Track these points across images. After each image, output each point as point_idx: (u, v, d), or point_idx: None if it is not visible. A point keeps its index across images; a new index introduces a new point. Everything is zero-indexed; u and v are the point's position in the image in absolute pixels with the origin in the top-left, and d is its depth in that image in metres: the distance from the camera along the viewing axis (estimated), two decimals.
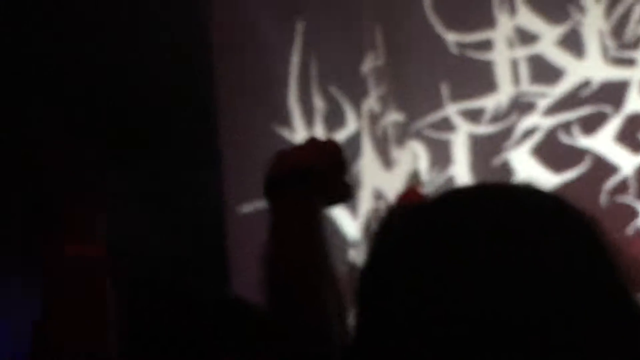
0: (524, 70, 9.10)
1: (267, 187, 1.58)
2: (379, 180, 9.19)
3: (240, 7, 9.44)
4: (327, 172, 1.62)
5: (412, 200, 4.17)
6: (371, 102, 9.02)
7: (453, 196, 1.18)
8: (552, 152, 8.99)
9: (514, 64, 9.20)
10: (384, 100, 9.02)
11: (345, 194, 1.67)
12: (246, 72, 9.57)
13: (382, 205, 8.88)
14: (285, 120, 9.60)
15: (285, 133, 9.48)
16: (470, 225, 1.13)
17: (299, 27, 9.50)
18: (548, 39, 9.07)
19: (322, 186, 1.63)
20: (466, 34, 9.17)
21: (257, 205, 9.35)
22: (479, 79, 9.19)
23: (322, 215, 1.63)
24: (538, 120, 9.10)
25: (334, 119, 9.38)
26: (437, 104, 9.27)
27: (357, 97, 9.20)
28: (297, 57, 9.51)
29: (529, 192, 1.13)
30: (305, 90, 9.49)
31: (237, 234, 9.21)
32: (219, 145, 9.32)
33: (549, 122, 9.04)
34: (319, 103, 9.47)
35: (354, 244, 8.64)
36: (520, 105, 9.18)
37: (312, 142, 1.66)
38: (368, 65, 9.28)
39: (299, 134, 9.56)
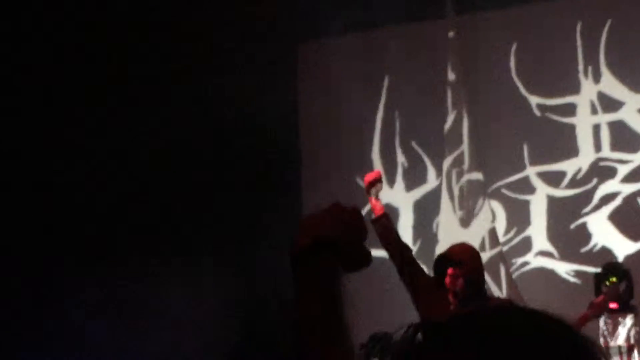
0: (605, 136, 9.16)
1: (291, 257, 1.72)
2: (456, 237, 9.23)
3: (325, 66, 9.65)
4: (347, 242, 1.75)
5: None
6: (452, 161, 9.14)
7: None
8: (630, 219, 9.01)
9: (596, 129, 9.26)
10: (465, 159, 9.13)
11: (364, 261, 1.80)
12: (331, 127, 9.75)
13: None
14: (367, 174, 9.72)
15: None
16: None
17: (385, 84, 9.68)
18: (631, 106, 9.12)
19: (342, 255, 1.77)
20: (549, 97, 9.27)
21: None
22: (560, 142, 9.27)
23: (341, 280, 1.77)
24: (617, 186, 9.14)
25: (415, 174, 9.53)
26: (518, 165, 9.37)
27: (438, 154, 9.32)
28: (382, 113, 9.69)
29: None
30: (388, 146, 9.66)
31: None
32: (301, 195, 9.52)
33: (628, 188, 9.07)
34: (400, 158, 9.62)
35: None
36: (601, 171, 9.24)
37: (335, 210, 1.78)
38: (450, 123, 9.41)
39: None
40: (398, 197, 9.48)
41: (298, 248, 1.83)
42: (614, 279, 7.44)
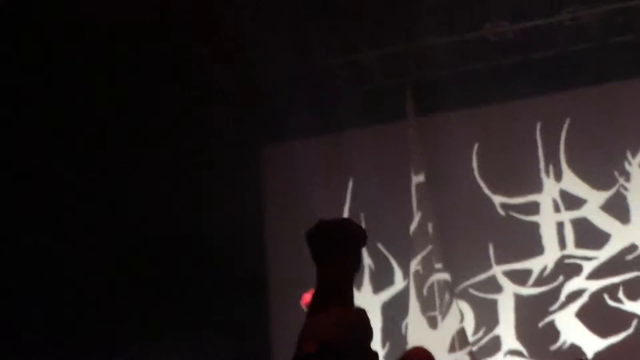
0: (569, 233, 9.22)
1: None
2: (424, 339, 9.19)
3: (289, 167, 9.69)
4: (353, 348, 1.73)
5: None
6: (418, 262, 9.14)
7: None
8: (597, 315, 9.02)
9: (560, 227, 9.32)
10: (431, 260, 9.13)
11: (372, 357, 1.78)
12: (297, 230, 9.70)
13: None
14: None
15: None
16: None
17: (349, 185, 9.72)
18: (593, 203, 9.21)
19: (349, 357, 1.75)
20: (512, 196, 9.34)
21: None
22: (525, 240, 9.31)
23: None
24: (584, 284, 9.17)
25: (382, 276, 9.51)
26: (484, 264, 9.38)
27: (405, 255, 9.33)
28: (347, 215, 9.68)
29: None
30: None
31: None
32: (268, 283, 9.47)
33: (594, 285, 9.11)
34: (367, 260, 9.61)
35: None
36: (566, 268, 9.27)
37: (341, 314, 1.76)
38: (416, 224, 9.44)
39: None
40: (366, 300, 9.44)
41: (304, 354, 1.81)
42: None
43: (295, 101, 9.30)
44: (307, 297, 5.22)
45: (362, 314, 1.92)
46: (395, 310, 9.24)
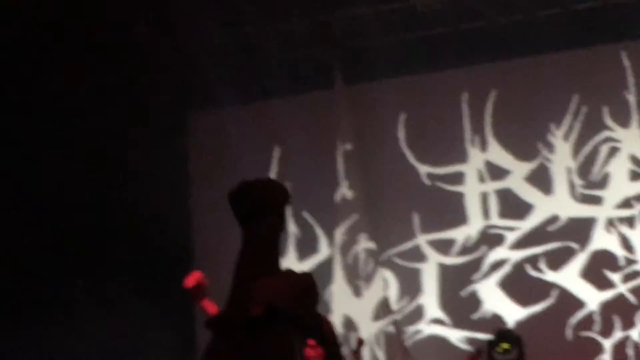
0: (493, 204, 9.32)
1: (246, 324, 1.68)
2: (349, 307, 9.26)
3: (217, 135, 9.65)
4: (300, 309, 1.73)
5: None
6: (343, 230, 9.18)
7: None
8: (519, 285, 9.15)
9: (484, 197, 9.42)
10: (356, 229, 9.18)
11: (318, 325, 1.77)
12: (223, 198, 9.68)
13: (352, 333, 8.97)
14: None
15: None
16: None
17: (276, 154, 9.71)
18: (517, 174, 9.32)
19: (295, 322, 1.74)
20: (438, 166, 9.41)
21: None
22: (450, 210, 9.40)
23: (296, 345, 1.74)
24: (506, 254, 9.29)
25: (307, 245, 9.54)
26: (409, 234, 9.46)
27: (330, 224, 9.36)
28: None
29: None
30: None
31: None
32: (193, 259, 9.43)
33: (516, 255, 9.23)
34: (292, 228, 9.63)
35: None
36: (489, 238, 9.39)
37: (287, 277, 1.76)
38: (342, 193, 9.48)
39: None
40: (290, 267, 9.46)
41: (251, 315, 1.81)
42: (506, 346, 7.52)
43: (223, 69, 9.25)
44: (190, 280, 4.91)
45: (308, 278, 1.93)
46: (320, 278, 9.25)
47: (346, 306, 9.15)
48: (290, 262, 9.50)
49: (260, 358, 1.76)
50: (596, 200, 8.97)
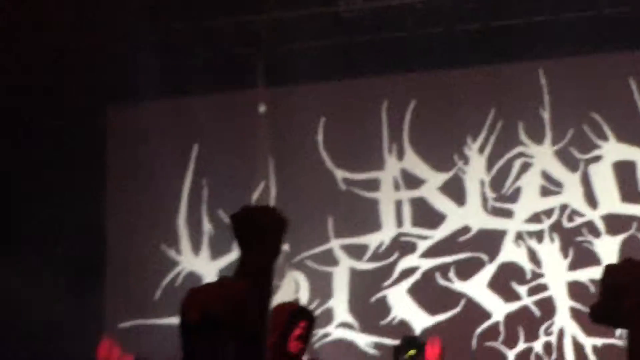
0: (407, 212, 9.43)
1: (182, 331, 1.71)
2: None
3: (134, 129, 9.61)
4: (237, 316, 1.76)
5: None
6: None
7: None
8: (428, 293, 9.27)
9: (398, 205, 9.52)
10: None
11: (256, 332, 1.80)
12: (139, 192, 9.69)
13: None
14: (173, 241, 9.73)
15: (172, 254, 9.61)
16: None
17: (194, 151, 9.70)
18: (431, 184, 9.44)
19: (230, 329, 1.77)
20: (355, 172, 9.49)
21: (135, 322, 9.40)
22: (364, 216, 9.48)
23: (232, 354, 1.77)
24: (417, 262, 9.41)
25: (221, 244, 9.54)
26: (322, 237, 9.52)
27: None
28: (189, 181, 9.69)
29: None
30: (194, 214, 9.65)
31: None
32: (105, 260, 9.38)
33: (427, 263, 9.35)
34: (207, 227, 9.62)
35: None
36: (401, 246, 9.50)
37: (225, 285, 1.79)
38: (258, 193, 9.51)
39: (185, 256, 9.69)
40: (202, 266, 9.47)
41: (187, 321, 1.83)
42: (413, 352, 7.61)
43: (144, 64, 9.21)
44: (102, 352, 4.84)
45: (247, 287, 1.95)
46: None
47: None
48: (203, 260, 9.50)
49: None
50: (507, 214, 9.13)
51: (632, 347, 1.57)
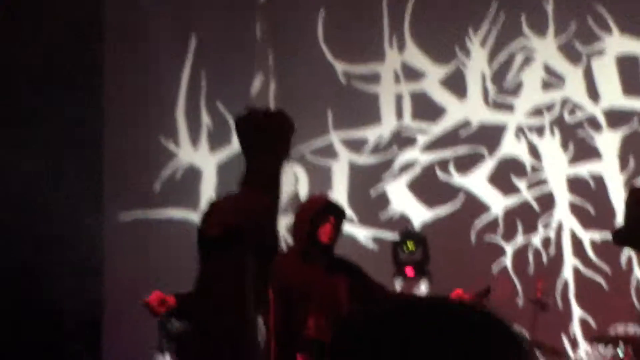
0: (407, 106, 9.37)
1: (202, 244, 1.65)
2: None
3: (133, 21, 9.49)
4: (256, 231, 1.70)
5: None
6: None
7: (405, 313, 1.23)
8: (427, 187, 9.27)
9: (398, 99, 9.46)
10: None
11: (274, 246, 1.75)
12: (137, 84, 9.61)
13: None
14: (171, 133, 9.69)
15: (171, 146, 9.57)
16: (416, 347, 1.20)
17: (192, 43, 9.60)
18: (432, 77, 9.35)
19: (252, 243, 1.71)
20: (355, 65, 9.40)
21: (135, 214, 9.41)
22: (364, 109, 9.42)
23: (252, 267, 1.71)
24: (417, 155, 9.38)
25: (220, 136, 9.50)
26: (322, 131, 9.47)
27: None
28: (188, 73, 9.60)
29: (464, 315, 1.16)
30: (193, 106, 9.58)
31: (114, 240, 9.21)
32: (103, 152, 9.36)
33: (427, 158, 9.33)
34: (205, 119, 9.57)
35: None
36: (401, 140, 9.46)
37: (245, 198, 1.73)
38: (257, 86, 9.44)
39: (184, 149, 9.66)
40: (202, 159, 9.44)
41: (207, 235, 1.77)
42: (412, 246, 7.64)
43: None
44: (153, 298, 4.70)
45: (267, 201, 1.89)
46: (229, 171, 9.25)
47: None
48: (202, 152, 9.47)
49: (211, 279, 1.74)
50: (508, 108, 9.08)
51: None
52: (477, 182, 9.02)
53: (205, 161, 9.44)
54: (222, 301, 1.62)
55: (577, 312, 8.69)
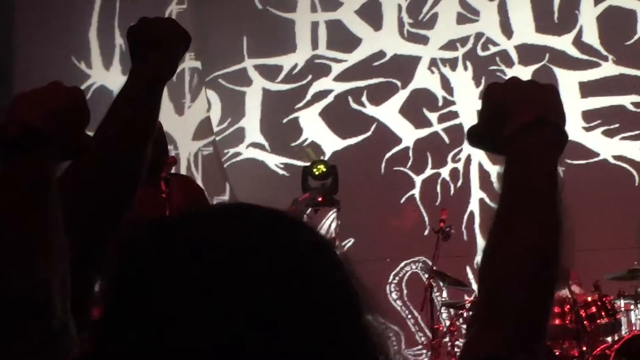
0: (322, 34, 9.34)
1: (0, 148, 1.50)
2: (170, 124, 9.22)
3: None
4: (64, 129, 1.57)
5: None
6: None
7: (192, 220, 1.20)
8: (340, 116, 9.29)
9: (314, 27, 9.42)
10: None
11: (82, 147, 1.62)
12: (49, 4, 9.42)
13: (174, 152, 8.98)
14: (84, 55, 9.54)
15: (82, 67, 9.42)
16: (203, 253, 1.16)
17: None
18: (348, 7, 9.33)
19: (59, 142, 1.58)
20: None
21: None
22: (279, 37, 9.38)
23: (54, 170, 1.59)
24: (331, 84, 9.38)
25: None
26: (236, 57, 9.41)
27: None
28: None
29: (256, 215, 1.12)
30: (107, 26, 9.44)
31: None
32: (13, 73, 9.19)
33: (341, 87, 9.33)
34: (119, 40, 9.44)
35: None
36: (315, 68, 9.44)
37: (50, 90, 1.59)
38: (172, 8, 9.33)
39: (96, 70, 9.52)
40: (113, 80, 9.33)
41: (5, 136, 1.60)
42: (323, 168, 7.67)
43: None
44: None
45: (77, 93, 1.73)
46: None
47: (167, 124, 9.12)
48: (114, 75, 9.36)
49: (9, 185, 1.56)
50: (422, 40, 9.12)
51: (507, 175, 1.55)
52: (389, 113, 9.07)
53: (117, 82, 9.32)
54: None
55: (482, 243, 8.83)
